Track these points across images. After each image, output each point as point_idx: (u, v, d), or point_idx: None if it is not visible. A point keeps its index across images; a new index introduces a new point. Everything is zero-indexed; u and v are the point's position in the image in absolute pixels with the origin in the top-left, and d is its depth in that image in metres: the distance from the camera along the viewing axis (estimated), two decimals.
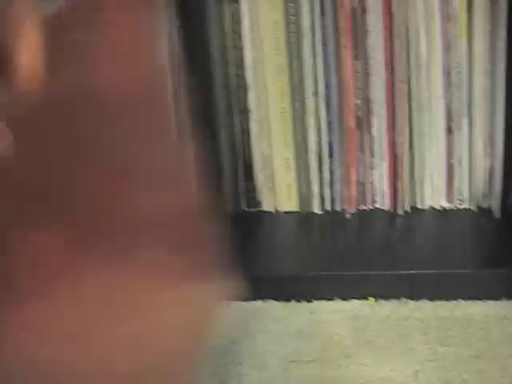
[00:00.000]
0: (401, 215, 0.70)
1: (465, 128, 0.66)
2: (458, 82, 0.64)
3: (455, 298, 0.63)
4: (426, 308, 0.63)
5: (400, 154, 0.68)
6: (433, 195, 0.69)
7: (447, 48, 0.64)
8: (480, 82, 0.64)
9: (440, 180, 0.69)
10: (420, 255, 0.65)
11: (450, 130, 0.66)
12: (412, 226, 0.70)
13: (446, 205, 0.69)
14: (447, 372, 0.55)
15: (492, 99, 0.65)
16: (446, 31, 0.63)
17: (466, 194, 0.69)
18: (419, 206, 0.70)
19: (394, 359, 0.57)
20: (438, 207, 0.70)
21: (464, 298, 0.63)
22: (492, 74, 0.64)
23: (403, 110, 0.67)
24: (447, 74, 0.64)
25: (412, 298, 0.63)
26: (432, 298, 0.63)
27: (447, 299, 0.63)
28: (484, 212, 0.69)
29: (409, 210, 0.70)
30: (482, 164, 0.68)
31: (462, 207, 0.70)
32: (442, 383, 0.54)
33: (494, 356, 0.57)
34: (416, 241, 0.68)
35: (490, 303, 0.62)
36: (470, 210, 0.70)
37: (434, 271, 0.64)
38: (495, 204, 0.68)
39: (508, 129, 0.65)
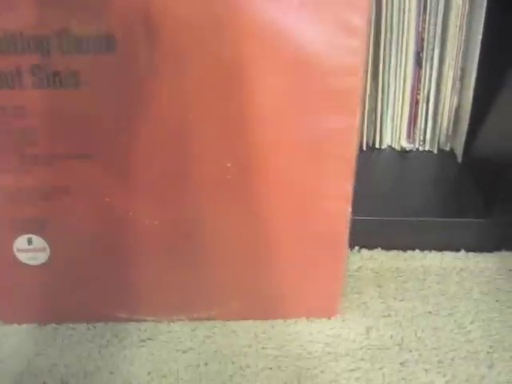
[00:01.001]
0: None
1: (436, 61, 0.59)
2: (435, 5, 0.56)
3: (412, 248, 0.58)
4: (380, 258, 0.57)
5: None
6: (393, 134, 0.63)
7: None
8: (457, 4, 0.57)
9: (403, 117, 0.62)
10: (375, 200, 0.59)
11: (419, 62, 0.59)
12: (367, 168, 0.63)
13: (407, 145, 0.63)
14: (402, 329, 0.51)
15: (468, 29, 0.58)
16: None
17: (428, 135, 0.63)
18: (377, 145, 0.63)
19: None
20: (397, 147, 0.63)
21: (421, 249, 0.58)
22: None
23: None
24: None
25: (366, 247, 0.58)
26: (387, 248, 0.58)
27: (403, 249, 0.58)
28: (446, 155, 0.64)
29: (365, 149, 0.64)
30: (448, 102, 0.61)
31: (422, 149, 0.64)
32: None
33: (450, 312, 0.52)
34: (372, 184, 0.61)
35: (449, 254, 0.58)
36: (431, 152, 0.64)
37: (388, 218, 0.58)
38: (459, 148, 0.62)
39: (480, 63, 0.59)
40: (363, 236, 0.57)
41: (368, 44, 0.54)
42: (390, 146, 0.64)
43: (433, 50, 0.58)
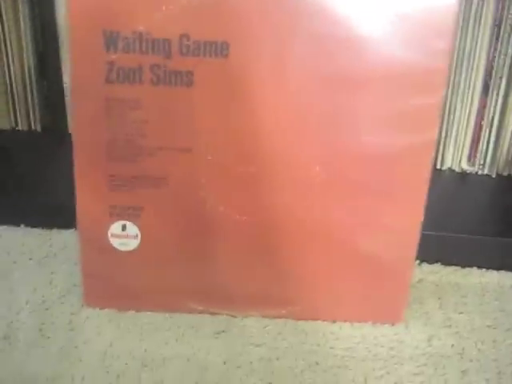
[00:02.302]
0: None
1: (502, 88, 0.62)
2: (507, 35, 0.59)
3: (470, 265, 0.60)
4: (439, 272, 0.60)
5: None
6: (454, 156, 0.66)
7: None
8: None
9: (466, 140, 0.65)
10: (436, 217, 0.62)
11: (486, 89, 0.62)
12: (429, 186, 0.66)
13: (467, 168, 0.66)
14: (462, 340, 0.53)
15: None
16: None
17: (489, 160, 0.65)
18: (438, 166, 0.66)
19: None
20: (457, 169, 0.66)
21: (478, 266, 0.60)
22: None
23: None
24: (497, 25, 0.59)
25: (426, 261, 0.60)
26: (446, 263, 0.60)
27: (462, 266, 0.60)
28: (504, 180, 0.66)
29: None
30: (510, 129, 0.64)
31: (481, 173, 0.66)
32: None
33: (509, 327, 0.54)
34: (433, 202, 0.64)
35: (506, 273, 0.60)
36: (490, 176, 0.66)
37: (448, 235, 0.61)
38: None
39: None
40: (424, 251, 0.60)
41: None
42: (450, 168, 0.67)
43: (501, 78, 0.61)
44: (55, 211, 0.61)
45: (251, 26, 0.43)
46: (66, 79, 0.70)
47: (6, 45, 0.71)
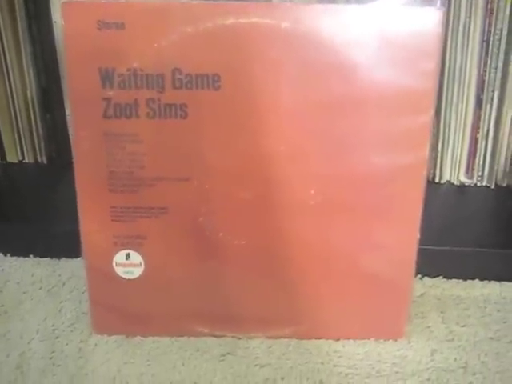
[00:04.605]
0: None
1: (495, 101, 0.63)
2: (496, 49, 0.61)
3: (471, 278, 0.61)
4: (441, 286, 0.60)
5: None
6: (452, 169, 0.67)
7: (489, 11, 0.60)
8: None
9: (463, 154, 0.66)
10: (436, 231, 0.62)
11: (479, 103, 0.63)
12: (428, 201, 0.67)
13: (465, 180, 0.67)
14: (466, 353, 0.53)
15: None
16: None
17: (486, 171, 0.66)
18: (436, 179, 0.67)
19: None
20: (456, 182, 0.67)
21: (480, 278, 0.61)
22: None
23: None
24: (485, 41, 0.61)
25: (427, 275, 0.61)
26: (448, 276, 0.61)
27: (463, 278, 0.61)
28: (503, 191, 0.67)
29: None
30: (506, 140, 0.65)
31: (480, 184, 0.67)
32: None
33: None
34: (432, 216, 0.65)
35: (507, 284, 0.60)
36: (488, 187, 0.67)
37: (449, 248, 0.61)
38: None
39: None
40: (425, 265, 0.60)
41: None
42: (449, 181, 0.68)
43: (493, 91, 0.62)
44: (63, 241, 0.62)
45: (241, 57, 0.44)
46: (68, 112, 0.72)
47: (10, 82, 0.73)
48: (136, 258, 0.50)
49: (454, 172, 0.67)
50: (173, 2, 0.44)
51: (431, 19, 0.43)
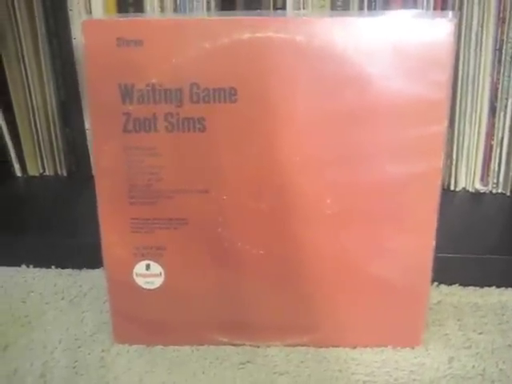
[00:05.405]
0: None
1: (509, 109, 0.63)
2: (509, 58, 0.61)
3: (488, 285, 0.61)
4: (458, 293, 0.61)
5: None
6: (467, 177, 0.67)
7: (501, 20, 0.60)
8: None
9: (477, 161, 0.66)
10: (452, 238, 0.63)
11: (493, 110, 0.64)
12: (444, 208, 0.67)
13: (481, 188, 0.67)
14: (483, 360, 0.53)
15: None
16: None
17: (502, 178, 0.67)
18: (452, 187, 0.67)
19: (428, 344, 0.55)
20: (471, 189, 0.67)
21: (497, 285, 0.61)
22: None
23: None
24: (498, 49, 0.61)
25: (444, 283, 0.61)
26: (464, 284, 0.61)
27: (480, 286, 0.61)
28: None
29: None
30: None
31: (495, 191, 0.67)
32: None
33: None
34: (449, 224, 0.65)
35: None
36: (504, 194, 0.67)
37: (465, 256, 0.62)
38: None
39: None
40: (441, 272, 0.61)
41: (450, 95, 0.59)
42: (465, 189, 0.68)
43: (506, 99, 0.63)
44: (84, 252, 0.64)
45: (257, 70, 0.45)
46: (88, 125, 0.73)
47: (31, 97, 0.75)
48: (156, 268, 0.51)
49: (469, 179, 0.68)
50: (189, 18, 0.46)
51: (443, 31, 0.44)
